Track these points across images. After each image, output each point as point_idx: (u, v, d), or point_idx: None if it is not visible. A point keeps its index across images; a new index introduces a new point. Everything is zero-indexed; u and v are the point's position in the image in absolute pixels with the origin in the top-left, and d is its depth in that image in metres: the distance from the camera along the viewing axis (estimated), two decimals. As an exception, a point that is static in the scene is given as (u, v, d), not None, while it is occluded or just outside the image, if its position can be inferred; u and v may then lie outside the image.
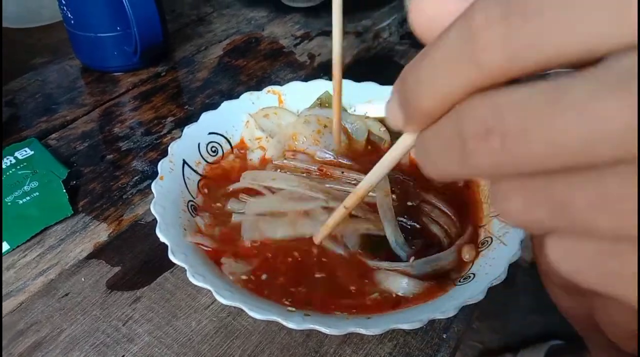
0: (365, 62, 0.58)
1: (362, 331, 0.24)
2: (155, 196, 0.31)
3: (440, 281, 0.28)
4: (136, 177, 0.42)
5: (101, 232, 0.38)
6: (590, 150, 0.11)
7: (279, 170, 0.33)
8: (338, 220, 0.25)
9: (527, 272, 0.74)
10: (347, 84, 0.40)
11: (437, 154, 0.14)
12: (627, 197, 0.12)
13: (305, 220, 0.30)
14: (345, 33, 0.62)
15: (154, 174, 0.42)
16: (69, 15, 0.51)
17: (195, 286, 0.28)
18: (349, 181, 0.33)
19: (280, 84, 0.48)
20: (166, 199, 0.31)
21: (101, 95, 0.52)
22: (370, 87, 0.40)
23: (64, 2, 0.51)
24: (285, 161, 0.34)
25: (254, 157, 0.36)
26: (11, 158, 0.43)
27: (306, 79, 0.54)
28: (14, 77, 0.55)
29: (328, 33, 0.62)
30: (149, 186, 0.41)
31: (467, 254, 0.29)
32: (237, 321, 0.31)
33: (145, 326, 0.31)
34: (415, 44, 0.60)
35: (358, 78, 0.43)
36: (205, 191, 0.34)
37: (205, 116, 0.37)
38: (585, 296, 0.30)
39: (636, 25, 0.10)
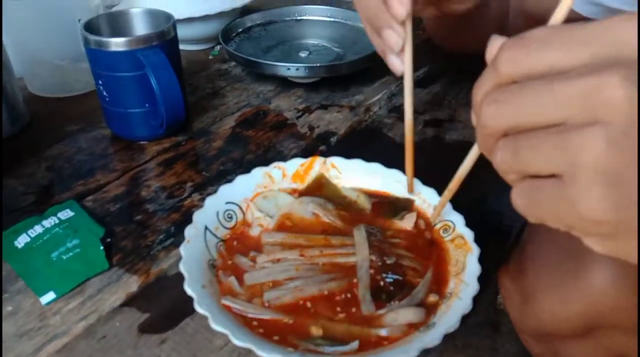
0: (358, 133, 0.65)
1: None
2: (183, 256, 0.38)
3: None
4: (161, 236, 0.49)
5: (132, 284, 0.44)
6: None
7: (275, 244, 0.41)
8: (445, 202, 0.38)
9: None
10: (337, 160, 0.47)
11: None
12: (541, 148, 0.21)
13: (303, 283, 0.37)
14: (340, 107, 0.70)
15: (176, 233, 0.49)
16: (104, 93, 0.59)
17: (212, 330, 0.34)
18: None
19: (283, 153, 0.56)
20: (191, 259, 0.38)
21: (129, 162, 0.59)
22: (357, 163, 0.48)
23: (100, 82, 0.59)
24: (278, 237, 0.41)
25: (254, 232, 0.43)
26: (55, 218, 0.50)
27: (306, 148, 0.62)
28: (52, 144, 0.62)
29: (326, 106, 0.70)
30: (172, 243, 0.48)
31: (429, 304, 0.36)
32: (247, 361, 0.38)
33: (170, 364, 0.38)
34: (401, 118, 0.68)
35: (351, 148, 0.51)
36: (223, 251, 0.41)
37: (223, 188, 0.44)
38: (552, 342, 0.38)
39: None
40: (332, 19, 0.84)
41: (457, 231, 0.41)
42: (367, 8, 0.42)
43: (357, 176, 0.48)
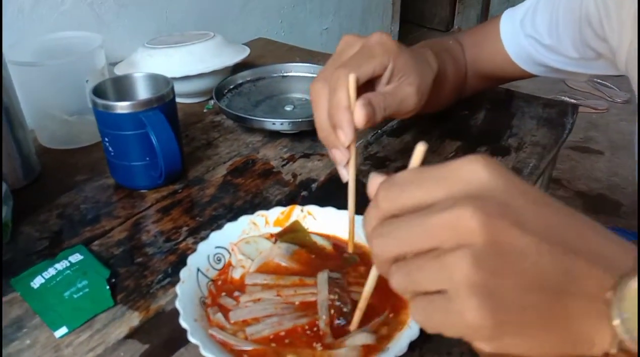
0: (336, 180, 0.72)
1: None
2: (178, 294, 0.44)
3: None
4: (159, 276, 0.56)
5: (134, 319, 0.51)
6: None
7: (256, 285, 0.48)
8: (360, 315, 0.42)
9: None
10: (313, 208, 0.55)
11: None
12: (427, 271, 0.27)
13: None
14: (321, 155, 0.78)
15: (172, 274, 0.56)
16: (110, 148, 0.67)
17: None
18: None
19: (269, 198, 0.63)
20: (185, 297, 0.44)
21: (131, 209, 0.66)
22: (330, 211, 0.55)
23: (106, 139, 0.66)
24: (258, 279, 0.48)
25: (236, 273, 0.49)
26: (66, 262, 0.56)
27: (289, 194, 0.69)
28: (62, 193, 0.69)
29: (308, 155, 0.78)
30: (169, 282, 0.55)
31: (383, 332, 0.42)
32: (233, 384, 0.44)
33: (167, 388, 0.44)
34: (375, 165, 0.75)
35: (330, 194, 0.58)
36: (213, 290, 0.47)
37: (213, 234, 0.51)
38: None
39: None
40: (313, 74, 0.92)
41: None
42: (321, 129, 0.52)
43: (330, 223, 0.55)
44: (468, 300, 0.26)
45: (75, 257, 0.57)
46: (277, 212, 0.55)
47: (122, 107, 0.63)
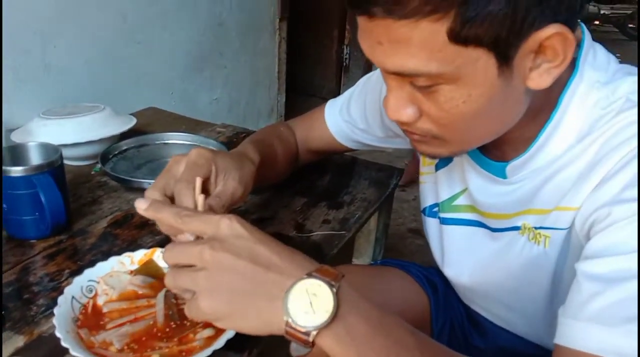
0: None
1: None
2: (55, 314, 0.58)
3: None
4: (42, 308, 0.68)
5: (20, 341, 0.62)
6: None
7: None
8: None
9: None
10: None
11: None
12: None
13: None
14: (191, 210, 0.94)
15: (53, 306, 0.68)
16: (4, 205, 0.79)
17: None
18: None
19: (143, 245, 0.77)
20: (61, 316, 0.58)
21: (21, 256, 0.78)
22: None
23: (2, 198, 0.79)
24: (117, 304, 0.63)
25: (101, 300, 0.64)
26: (-39, 298, 0.67)
27: (160, 241, 0.84)
28: (-43, 244, 0.80)
29: (180, 210, 0.94)
30: (51, 313, 0.67)
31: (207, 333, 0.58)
32: (97, 383, 0.57)
33: (44, 388, 0.56)
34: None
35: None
36: (83, 313, 0.61)
37: (87, 271, 0.65)
38: None
39: None
40: (190, 143, 1.09)
41: None
42: (167, 229, 0.61)
43: None
44: (201, 299, 0.47)
45: (-31, 295, 0.68)
46: (141, 253, 0.70)
47: (16, 171, 0.76)
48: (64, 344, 0.54)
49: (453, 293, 0.87)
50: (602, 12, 7.33)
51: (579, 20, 0.58)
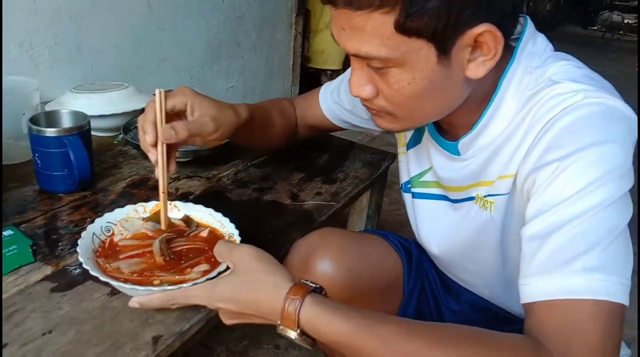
0: (208, 194, 1.00)
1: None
2: (79, 244, 0.69)
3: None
4: (67, 247, 0.80)
5: (47, 270, 0.74)
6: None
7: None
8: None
9: None
10: (179, 202, 0.82)
11: None
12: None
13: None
14: (200, 177, 1.05)
15: (77, 245, 0.80)
16: (38, 161, 0.91)
17: (92, 289, 0.66)
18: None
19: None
20: (84, 247, 0.69)
21: (51, 205, 0.90)
22: (188, 205, 0.82)
23: (36, 155, 0.91)
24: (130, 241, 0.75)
25: (117, 238, 0.74)
26: (5, 233, 0.79)
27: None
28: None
29: (191, 177, 1.05)
30: (74, 251, 0.79)
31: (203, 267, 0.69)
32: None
33: (68, 306, 0.68)
34: (240, 186, 1.03)
35: (202, 202, 0.84)
36: (102, 246, 0.73)
37: (106, 214, 0.76)
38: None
39: None
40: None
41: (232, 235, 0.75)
42: (140, 141, 0.77)
43: (188, 211, 0.81)
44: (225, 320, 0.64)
45: (8, 233, 0.80)
46: (152, 204, 0.81)
47: (50, 132, 0.88)
48: (85, 266, 0.65)
49: (428, 260, 0.96)
50: (625, 21, 7.30)
51: (525, 17, 0.68)
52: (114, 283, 0.64)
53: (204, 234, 0.76)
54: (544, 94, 0.63)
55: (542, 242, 0.58)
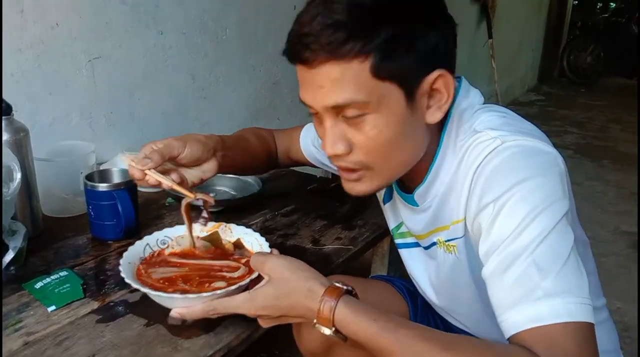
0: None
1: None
2: (128, 250, 0.79)
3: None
4: (112, 286, 0.89)
5: (95, 304, 0.83)
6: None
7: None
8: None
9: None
10: (232, 225, 0.90)
11: None
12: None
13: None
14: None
15: (122, 287, 0.89)
16: (92, 213, 1.03)
17: (135, 318, 0.75)
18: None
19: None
20: (130, 254, 0.79)
21: (101, 251, 1.01)
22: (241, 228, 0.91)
23: (90, 207, 1.03)
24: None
25: (167, 251, 0.83)
26: (57, 275, 0.89)
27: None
28: (57, 242, 1.04)
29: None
30: (119, 289, 0.88)
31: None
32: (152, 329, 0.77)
33: (110, 334, 0.77)
34: (266, 232, 1.12)
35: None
36: (150, 255, 0.83)
37: (166, 230, 0.86)
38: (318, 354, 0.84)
39: None
40: (230, 176, 1.31)
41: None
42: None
43: (239, 235, 0.89)
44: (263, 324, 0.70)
45: (63, 273, 0.91)
46: (211, 224, 0.88)
47: (102, 187, 1.00)
48: (122, 274, 0.74)
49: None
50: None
51: (460, 77, 0.75)
52: (139, 287, 0.72)
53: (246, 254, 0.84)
54: (470, 143, 0.69)
55: (500, 279, 0.62)
